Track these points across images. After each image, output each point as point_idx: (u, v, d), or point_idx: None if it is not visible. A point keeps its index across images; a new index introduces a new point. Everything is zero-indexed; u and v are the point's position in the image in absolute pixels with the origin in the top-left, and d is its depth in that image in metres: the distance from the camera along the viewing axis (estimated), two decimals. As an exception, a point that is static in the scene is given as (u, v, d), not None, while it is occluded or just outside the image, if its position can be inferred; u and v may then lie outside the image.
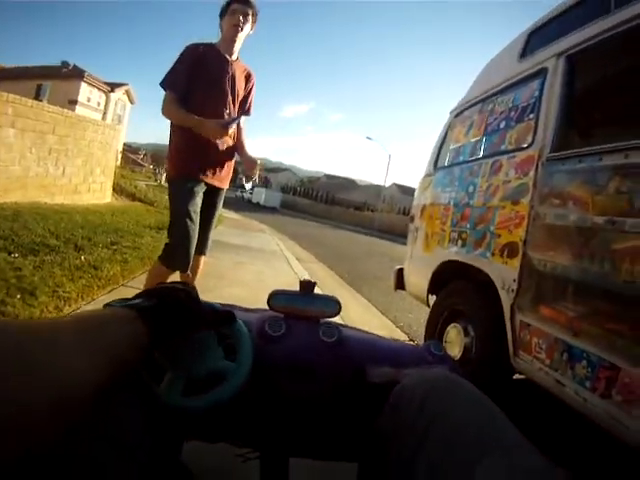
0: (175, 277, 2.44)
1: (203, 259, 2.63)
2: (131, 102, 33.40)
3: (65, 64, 27.25)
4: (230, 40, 2.46)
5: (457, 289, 2.94)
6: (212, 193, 2.52)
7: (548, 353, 1.97)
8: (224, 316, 0.85)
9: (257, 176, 2.58)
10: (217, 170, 2.48)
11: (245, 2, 2.42)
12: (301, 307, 1.09)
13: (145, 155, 46.91)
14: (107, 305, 0.63)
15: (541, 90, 2.42)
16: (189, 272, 2.46)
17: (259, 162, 2.61)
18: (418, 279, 3.39)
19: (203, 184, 2.41)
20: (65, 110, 7.90)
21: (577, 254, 1.87)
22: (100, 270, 3.53)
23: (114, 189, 11.22)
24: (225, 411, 0.90)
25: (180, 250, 2.33)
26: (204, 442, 1.06)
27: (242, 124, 2.64)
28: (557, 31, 2.49)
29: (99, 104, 28.19)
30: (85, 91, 26.49)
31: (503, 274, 2.32)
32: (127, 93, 32.27)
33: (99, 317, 0.56)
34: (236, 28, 2.42)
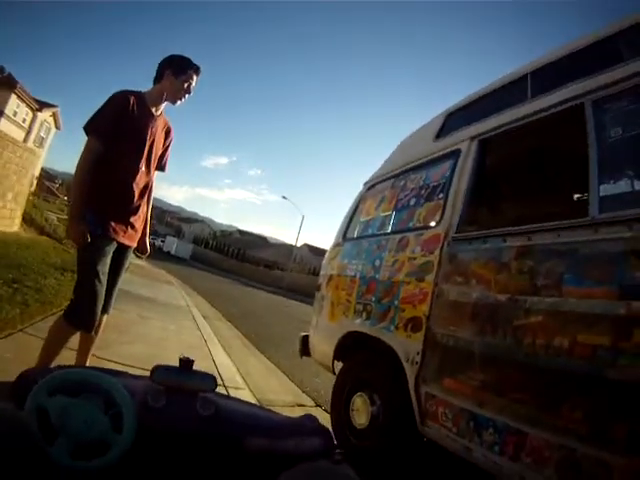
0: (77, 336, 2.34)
1: (106, 317, 2.48)
2: (57, 127, 31.29)
3: (1, 69, 24.71)
4: (169, 100, 2.46)
5: (362, 359, 2.96)
6: (121, 251, 2.41)
7: (455, 422, 2.02)
8: None
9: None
10: (129, 228, 2.40)
11: (199, 74, 2.48)
12: (180, 381, 1.17)
13: (61, 185, 43.50)
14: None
15: (452, 171, 2.56)
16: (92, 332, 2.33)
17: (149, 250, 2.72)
18: (323, 347, 3.38)
19: (114, 243, 2.31)
20: (-14, 125, 7.26)
21: (480, 329, 1.97)
22: (-2, 310, 3.25)
23: (24, 218, 10.45)
24: (112, 475, 0.97)
25: (86, 311, 2.21)
26: None
27: (153, 182, 2.60)
28: (473, 115, 2.67)
29: (24, 121, 26.19)
30: (13, 104, 24.49)
31: (407, 347, 2.37)
32: (54, 116, 30.31)
33: None
34: (184, 95, 2.46)
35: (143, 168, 2.42)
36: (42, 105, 27.61)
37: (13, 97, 24.31)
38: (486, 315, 1.97)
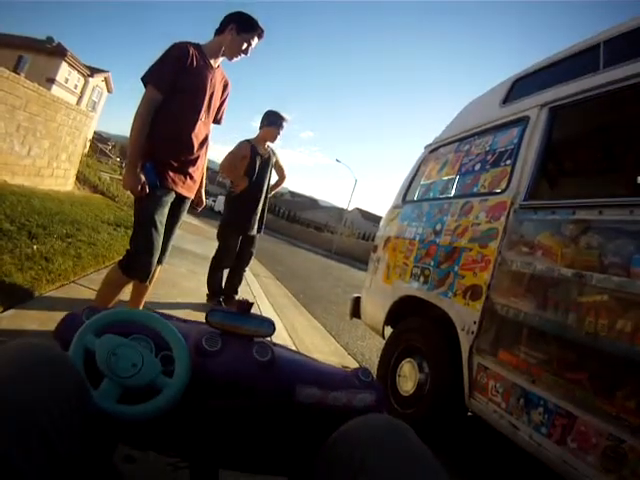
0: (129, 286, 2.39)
1: (159, 268, 2.51)
2: (109, 91, 32.62)
3: (50, 40, 26.30)
4: (226, 54, 2.43)
5: (415, 325, 2.92)
6: (178, 202, 2.42)
7: (504, 397, 1.98)
8: None
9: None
10: (188, 179, 2.39)
11: (261, 38, 2.45)
12: (237, 325, 1.12)
13: (114, 147, 45.06)
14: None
15: (521, 137, 2.45)
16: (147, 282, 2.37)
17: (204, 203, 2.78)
18: (375, 310, 3.35)
19: (173, 193, 2.31)
20: (40, 87, 7.46)
21: (541, 303, 1.88)
22: (51, 263, 3.35)
23: (77, 178, 10.73)
24: (158, 420, 0.92)
25: (143, 260, 2.23)
26: (136, 449, 1.14)
27: (209, 137, 2.57)
28: (542, 82, 2.55)
29: (76, 87, 27.55)
30: (64, 71, 25.85)
31: (464, 315, 2.31)
32: (106, 81, 31.57)
33: None
34: (240, 54, 2.43)
35: (202, 119, 2.39)
36: (93, 71, 28.90)
37: (64, 65, 25.55)
38: (549, 288, 1.88)
